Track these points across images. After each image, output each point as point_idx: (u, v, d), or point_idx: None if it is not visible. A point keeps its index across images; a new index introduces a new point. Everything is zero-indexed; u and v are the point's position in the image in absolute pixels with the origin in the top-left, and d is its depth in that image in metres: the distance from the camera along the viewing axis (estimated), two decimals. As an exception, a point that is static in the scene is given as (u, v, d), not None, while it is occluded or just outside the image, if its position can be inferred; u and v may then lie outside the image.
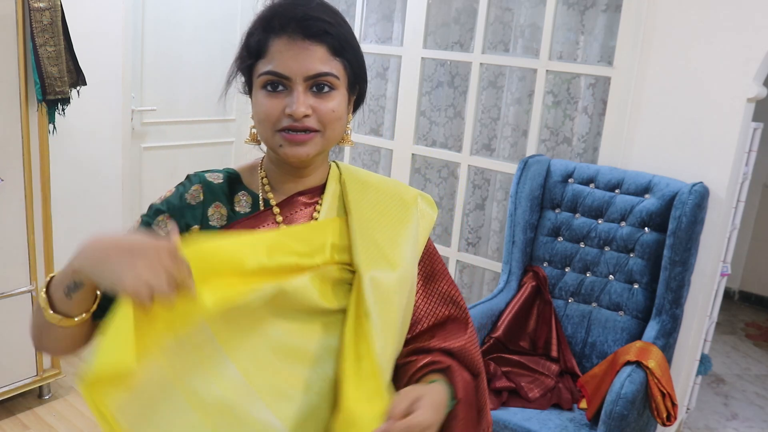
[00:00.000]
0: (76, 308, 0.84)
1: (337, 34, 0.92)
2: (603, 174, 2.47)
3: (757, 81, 2.27)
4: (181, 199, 0.95)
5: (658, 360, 2.05)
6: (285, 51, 0.88)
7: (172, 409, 0.86)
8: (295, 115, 0.88)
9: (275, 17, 0.90)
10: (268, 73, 0.89)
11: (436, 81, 3.35)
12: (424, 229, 1.05)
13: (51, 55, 2.30)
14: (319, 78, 0.89)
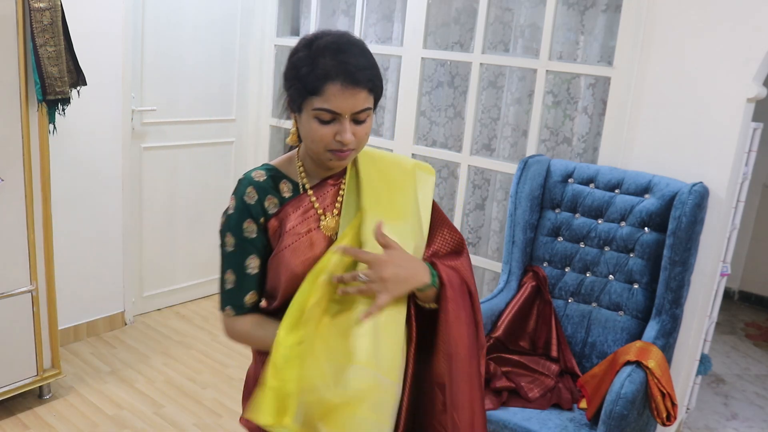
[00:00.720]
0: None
1: (375, 78, 1.18)
2: (603, 174, 2.47)
3: (757, 81, 2.27)
4: (243, 202, 1.24)
5: (658, 360, 2.05)
6: (338, 94, 1.13)
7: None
8: (345, 142, 1.16)
9: (332, 67, 1.13)
10: (324, 110, 1.15)
11: (436, 81, 3.35)
12: (428, 191, 1.33)
13: (51, 55, 2.30)
14: (361, 113, 1.17)
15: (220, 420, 2.67)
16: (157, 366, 3.05)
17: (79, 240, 3.10)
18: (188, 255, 3.71)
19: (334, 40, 1.16)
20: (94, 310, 3.27)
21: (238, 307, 1.26)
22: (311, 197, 1.26)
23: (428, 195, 1.33)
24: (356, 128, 1.17)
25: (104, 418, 2.60)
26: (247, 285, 1.25)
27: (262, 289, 1.28)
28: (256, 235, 1.23)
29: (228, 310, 1.27)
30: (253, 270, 1.25)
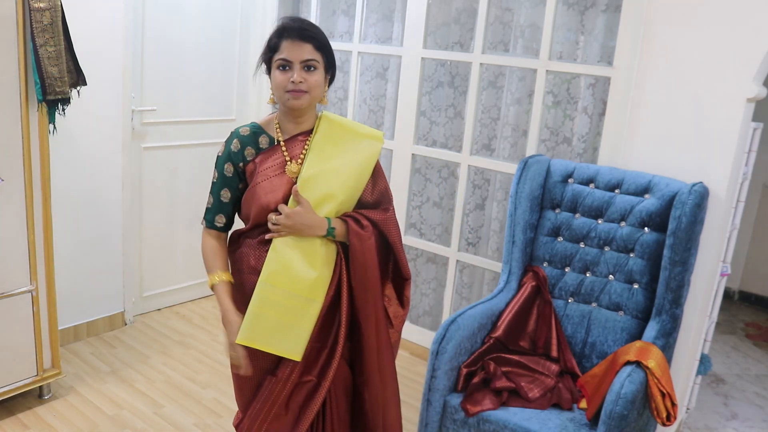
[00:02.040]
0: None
1: (318, 38, 1.61)
2: (603, 174, 2.47)
3: (757, 81, 2.27)
4: (229, 150, 1.67)
5: (657, 360, 2.05)
6: (290, 46, 1.57)
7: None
8: (296, 81, 1.56)
9: (285, 28, 1.59)
10: (280, 59, 1.58)
11: (436, 81, 3.35)
12: (371, 155, 1.72)
13: (51, 55, 2.30)
14: (308, 62, 1.58)
15: (220, 420, 2.67)
16: (156, 366, 3.05)
17: (79, 240, 3.10)
18: (188, 255, 3.71)
19: (291, 17, 1.63)
20: (94, 310, 3.27)
21: (209, 222, 1.73)
22: (282, 148, 1.66)
23: (370, 158, 1.71)
24: (306, 75, 1.58)
25: (104, 418, 2.60)
26: (219, 209, 1.70)
27: (231, 216, 1.72)
28: (232, 176, 1.66)
29: (203, 222, 1.74)
30: (225, 199, 1.69)
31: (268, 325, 1.60)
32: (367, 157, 1.70)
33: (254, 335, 1.60)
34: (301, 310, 1.61)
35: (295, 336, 1.61)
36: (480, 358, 2.33)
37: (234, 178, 1.67)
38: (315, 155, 1.64)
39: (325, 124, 1.69)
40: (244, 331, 1.59)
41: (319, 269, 1.63)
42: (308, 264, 1.62)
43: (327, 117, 1.70)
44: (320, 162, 1.64)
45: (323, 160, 1.64)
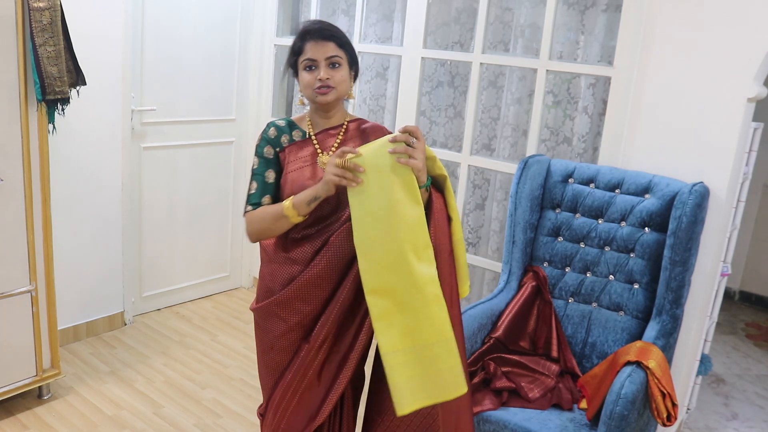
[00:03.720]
0: (308, 211, 1.61)
1: (340, 37, 1.69)
2: (603, 174, 2.47)
3: (757, 81, 2.27)
4: (267, 136, 1.73)
5: (658, 360, 2.05)
6: (313, 47, 1.66)
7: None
8: (322, 78, 1.64)
9: (307, 31, 1.68)
10: (306, 60, 1.66)
11: (436, 81, 3.35)
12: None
13: (51, 55, 2.30)
14: (333, 58, 1.66)
15: (219, 420, 2.67)
16: (156, 366, 3.05)
17: (79, 240, 3.10)
18: (188, 255, 3.71)
19: (312, 20, 1.72)
20: (93, 310, 3.27)
21: (256, 205, 1.69)
22: (314, 140, 1.74)
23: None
24: (332, 71, 1.66)
25: (104, 419, 2.60)
26: (265, 190, 1.71)
27: (276, 198, 1.71)
28: (273, 157, 1.72)
29: (248, 208, 1.70)
30: (269, 179, 1.71)
31: (417, 384, 1.51)
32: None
33: (415, 398, 1.51)
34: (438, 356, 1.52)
35: (450, 376, 1.52)
36: (480, 359, 2.32)
37: (275, 159, 1.73)
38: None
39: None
40: (403, 404, 1.51)
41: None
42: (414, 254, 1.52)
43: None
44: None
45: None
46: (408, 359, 1.51)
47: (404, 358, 1.51)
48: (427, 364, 1.51)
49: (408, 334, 1.51)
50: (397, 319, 1.51)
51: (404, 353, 1.51)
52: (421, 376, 1.51)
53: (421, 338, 1.51)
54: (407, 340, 1.51)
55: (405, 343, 1.51)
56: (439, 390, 1.52)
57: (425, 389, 1.51)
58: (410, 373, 1.50)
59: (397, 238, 1.49)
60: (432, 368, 1.51)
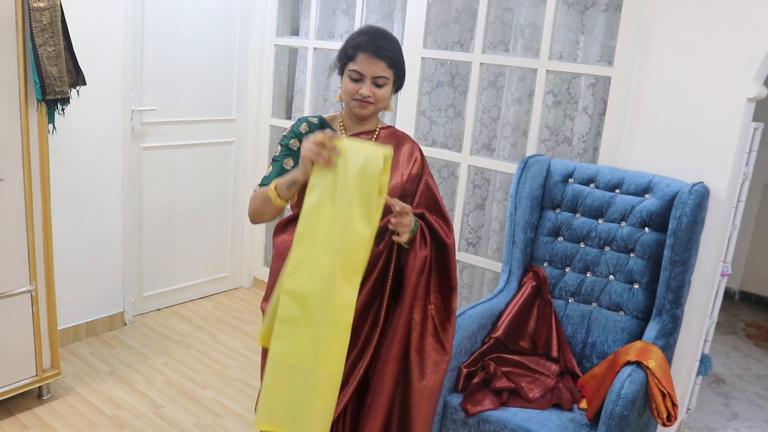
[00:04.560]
0: (289, 195, 1.56)
1: (394, 57, 1.66)
2: (603, 174, 2.47)
3: (757, 81, 2.27)
4: (297, 130, 1.74)
5: (658, 360, 2.05)
6: (365, 61, 1.64)
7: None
8: (365, 95, 1.64)
9: (364, 42, 1.64)
10: (354, 71, 1.65)
11: (436, 81, 3.35)
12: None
13: (51, 55, 2.30)
14: (379, 78, 1.65)
15: (219, 420, 2.67)
16: (156, 366, 3.05)
17: (79, 240, 3.10)
18: (188, 255, 3.71)
19: (372, 28, 1.69)
20: (93, 310, 3.27)
21: (264, 186, 1.65)
22: None
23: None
24: (375, 89, 1.65)
25: (104, 419, 2.60)
26: (279, 174, 1.68)
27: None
28: (297, 150, 1.69)
29: (256, 188, 1.68)
30: (288, 167, 1.69)
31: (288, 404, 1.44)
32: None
33: (271, 419, 1.44)
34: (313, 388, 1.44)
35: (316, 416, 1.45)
36: (480, 358, 2.32)
37: (299, 152, 1.64)
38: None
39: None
40: (259, 418, 1.45)
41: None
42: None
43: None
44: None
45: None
46: (290, 378, 1.42)
47: (288, 375, 1.42)
48: (304, 394, 1.42)
49: (302, 354, 1.42)
50: (299, 332, 1.42)
51: (290, 370, 1.42)
52: (290, 402, 1.42)
53: (313, 365, 1.42)
54: (299, 359, 1.42)
55: (296, 360, 1.42)
56: (297, 424, 1.42)
57: (287, 416, 1.42)
58: (284, 392, 1.43)
59: (334, 247, 1.42)
60: (305, 400, 1.42)
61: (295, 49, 3.87)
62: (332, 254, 1.41)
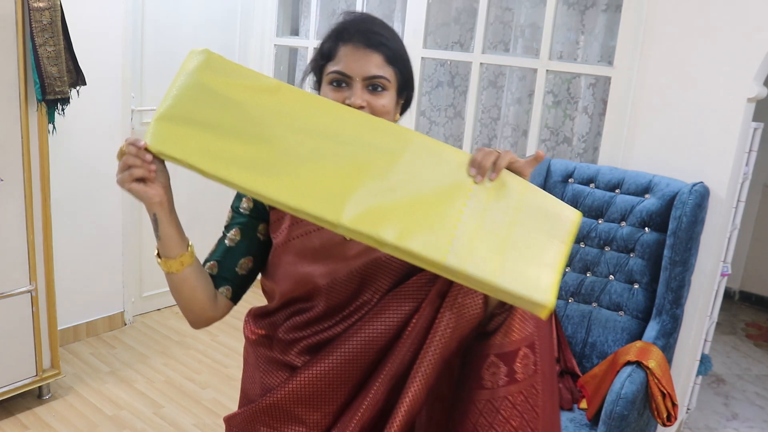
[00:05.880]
0: (170, 247, 1.07)
1: (393, 47, 1.13)
2: (603, 174, 2.47)
3: (757, 81, 2.27)
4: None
5: (658, 360, 2.05)
6: (350, 55, 1.10)
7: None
8: (354, 105, 1.08)
9: (345, 29, 1.12)
10: (334, 72, 1.11)
11: (436, 81, 3.35)
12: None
13: (51, 55, 2.30)
14: (374, 80, 1.10)
15: (219, 420, 2.67)
16: (156, 366, 3.04)
17: (79, 240, 3.10)
18: (188, 255, 3.71)
19: (358, 12, 1.19)
20: (93, 310, 3.27)
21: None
22: None
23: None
24: (371, 97, 1.10)
25: (104, 419, 2.60)
26: (215, 254, 1.20)
27: (230, 270, 1.18)
28: (251, 212, 1.19)
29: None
30: (230, 242, 1.19)
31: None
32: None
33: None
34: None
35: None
36: (480, 359, 2.32)
37: (253, 217, 1.19)
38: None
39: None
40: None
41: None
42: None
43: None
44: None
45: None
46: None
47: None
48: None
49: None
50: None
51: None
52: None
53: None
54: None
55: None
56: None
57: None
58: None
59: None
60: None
61: (295, 49, 3.87)
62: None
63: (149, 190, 1.00)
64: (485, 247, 0.95)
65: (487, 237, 0.96)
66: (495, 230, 0.97)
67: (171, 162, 1.02)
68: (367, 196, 0.95)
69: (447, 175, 0.99)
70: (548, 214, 1.00)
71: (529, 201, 1.01)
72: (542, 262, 0.97)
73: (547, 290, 0.95)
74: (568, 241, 1.01)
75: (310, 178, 0.97)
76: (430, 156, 1.00)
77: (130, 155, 0.98)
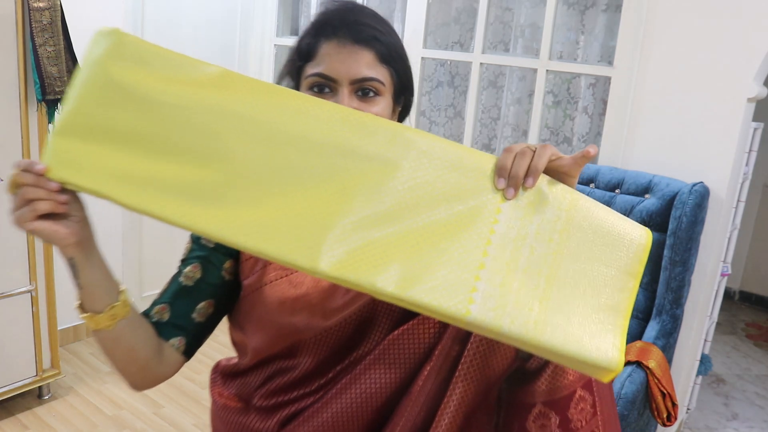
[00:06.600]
0: (96, 298, 0.82)
1: (387, 42, 0.91)
2: (603, 174, 2.47)
3: (757, 81, 2.27)
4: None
5: (658, 360, 2.05)
6: (334, 54, 0.89)
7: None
8: None
9: (327, 22, 0.92)
10: (315, 75, 0.89)
11: (436, 81, 3.35)
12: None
13: (51, 55, 2.30)
14: (365, 83, 0.89)
15: (219, 420, 2.67)
16: (156, 366, 3.05)
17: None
18: (188, 255, 3.71)
19: (340, 2, 0.96)
20: (93, 310, 3.27)
21: (144, 315, 0.95)
22: None
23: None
24: (360, 104, 0.88)
25: (104, 419, 2.60)
26: (166, 293, 0.97)
27: (184, 317, 0.95)
28: (213, 247, 0.95)
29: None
30: (187, 280, 0.95)
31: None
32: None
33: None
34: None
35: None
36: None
37: (217, 250, 0.96)
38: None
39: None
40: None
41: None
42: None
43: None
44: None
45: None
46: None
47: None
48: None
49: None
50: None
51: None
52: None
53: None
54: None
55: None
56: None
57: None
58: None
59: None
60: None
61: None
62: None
63: (60, 228, 0.79)
64: (524, 290, 0.70)
65: (525, 275, 0.71)
66: (536, 265, 0.72)
67: (77, 191, 0.78)
68: (355, 230, 0.69)
69: (464, 190, 0.72)
70: (608, 236, 0.75)
71: (582, 219, 0.75)
72: (603, 306, 0.73)
73: (613, 348, 0.71)
74: (637, 272, 0.77)
75: (275, 207, 0.69)
76: (439, 164, 0.73)
77: (28, 186, 0.73)
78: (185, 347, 0.96)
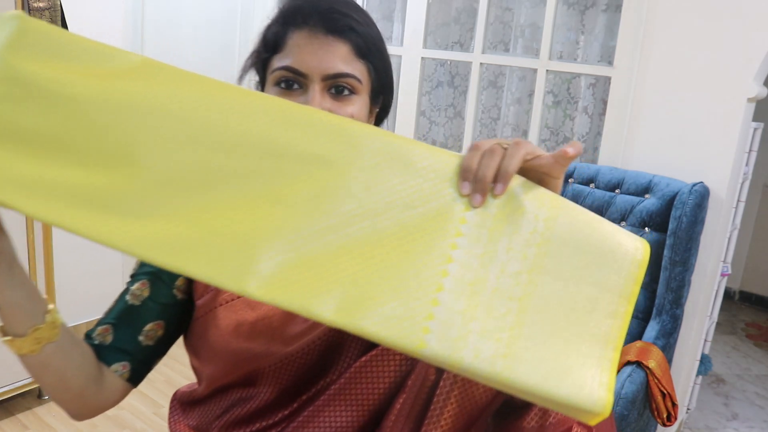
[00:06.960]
0: (18, 321, 0.71)
1: (364, 34, 0.80)
2: (603, 174, 2.47)
3: (757, 81, 2.27)
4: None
5: (658, 360, 2.05)
6: (304, 45, 0.77)
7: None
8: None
9: (298, 8, 0.79)
10: (283, 68, 0.79)
11: (436, 81, 3.35)
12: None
13: (51, 55, 2.30)
14: (339, 79, 0.78)
15: (219, 420, 2.67)
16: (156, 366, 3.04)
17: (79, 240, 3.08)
18: (188, 255, 3.71)
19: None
20: (94, 310, 3.26)
21: (86, 336, 0.85)
22: None
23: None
24: (333, 104, 0.78)
25: (104, 419, 2.60)
26: (111, 313, 0.85)
27: (129, 342, 0.85)
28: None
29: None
30: (134, 299, 0.84)
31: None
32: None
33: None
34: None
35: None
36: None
37: (169, 273, 0.85)
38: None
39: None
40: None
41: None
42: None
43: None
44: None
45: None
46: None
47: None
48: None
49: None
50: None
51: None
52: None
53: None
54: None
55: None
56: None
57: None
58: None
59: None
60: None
61: (295, 49, 3.87)
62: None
63: None
64: (491, 317, 0.58)
65: (493, 299, 0.59)
66: (507, 287, 0.60)
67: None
68: (290, 245, 0.57)
69: (422, 196, 0.60)
70: (597, 251, 0.64)
71: (564, 231, 0.65)
72: (589, 335, 0.60)
73: (600, 387, 0.59)
74: (632, 294, 0.64)
75: (197, 219, 0.58)
76: (393, 166, 0.60)
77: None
78: (130, 373, 0.85)
